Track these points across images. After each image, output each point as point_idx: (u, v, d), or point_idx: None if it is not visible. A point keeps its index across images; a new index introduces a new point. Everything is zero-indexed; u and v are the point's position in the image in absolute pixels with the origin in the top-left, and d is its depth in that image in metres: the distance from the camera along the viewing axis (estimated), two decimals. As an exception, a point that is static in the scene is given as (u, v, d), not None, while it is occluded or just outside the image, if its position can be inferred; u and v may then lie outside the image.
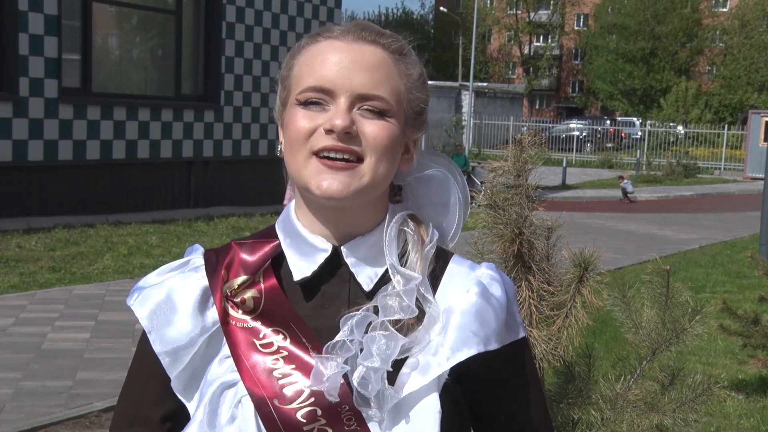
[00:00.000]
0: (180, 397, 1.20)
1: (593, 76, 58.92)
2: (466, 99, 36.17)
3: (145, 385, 1.23)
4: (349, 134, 1.12)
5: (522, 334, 1.22)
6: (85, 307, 7.72)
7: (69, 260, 9.75)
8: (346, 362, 1.11)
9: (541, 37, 65.97)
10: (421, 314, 1.16)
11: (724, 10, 57.84)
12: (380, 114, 1.15)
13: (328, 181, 1.12)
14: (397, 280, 1.16)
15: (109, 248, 10.62)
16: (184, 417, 1.21)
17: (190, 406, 1.19)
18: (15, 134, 12.17)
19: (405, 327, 1.14)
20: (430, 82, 1.28)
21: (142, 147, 13.94)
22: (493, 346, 1.16)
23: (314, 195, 1.13)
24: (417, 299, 1.16)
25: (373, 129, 1.14)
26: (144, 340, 1.22)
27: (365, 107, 1.14)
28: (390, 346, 1.11)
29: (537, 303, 2.73)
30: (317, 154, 1.13)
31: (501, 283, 1.21)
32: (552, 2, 64.37)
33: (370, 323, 1.13)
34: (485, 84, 44.56)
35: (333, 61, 1.14)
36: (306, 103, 1.15)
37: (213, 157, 15.24)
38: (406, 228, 1.20)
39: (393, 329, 1.13)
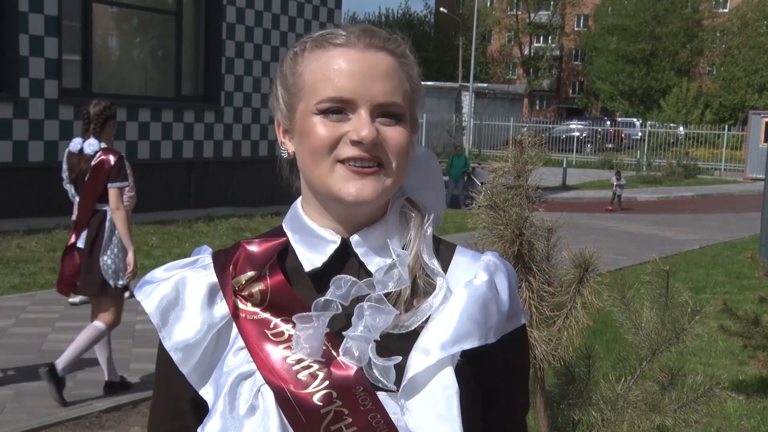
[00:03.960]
0: (196, 389, 1.22)
1: (593, 77, 58.86)
2: (467, 100, 36.15)
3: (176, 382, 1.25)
4: (376, 144, 1.16)
5: (524, 320, 1.27)
6: (86, 308, 7.72)
7: (69, 261, 9.73)
8: (330, 325, 1.15)
9: (542, 38, 65.93)
10: (431, 288, 1.20)
11: (725, 11, 57.81)
12: (397, 121, 1.19)
13: (357, 187, 1.16)
14: (395, 257, 1.20)
15: (110, 249, 10.60)
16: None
17: (207, 398, 1.21)
18: (15, 135, 12.17)
19: (406, 299, 1.19)
20: (430, 83, 1.30)
21: (142, 148, 13.94)
22: (491, 340, 1.19)
23: (344, 201, 1.17)
24: (427, 273, 1.21)
25: (393, 135, 1.18)
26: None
27: (384, 115, 1.18)
28: (376, 318, 1.15)
29: (537, 304, 2.73)
30: (343, 162, 1.16)
31: (505, 272, 1.25)
32: (552, 3, 64.36)
33: (366, 296, 1.17)
34: (485, 85, 44.53)
35: (350, 71, 1.17)
36: (324, 112, 1.17)
37: (213, 158, 15.24)
38: (406, 210, 1.25)
39: (386, 302, 1.16)
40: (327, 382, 1.14)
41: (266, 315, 1.19)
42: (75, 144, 5.53)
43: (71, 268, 5.33)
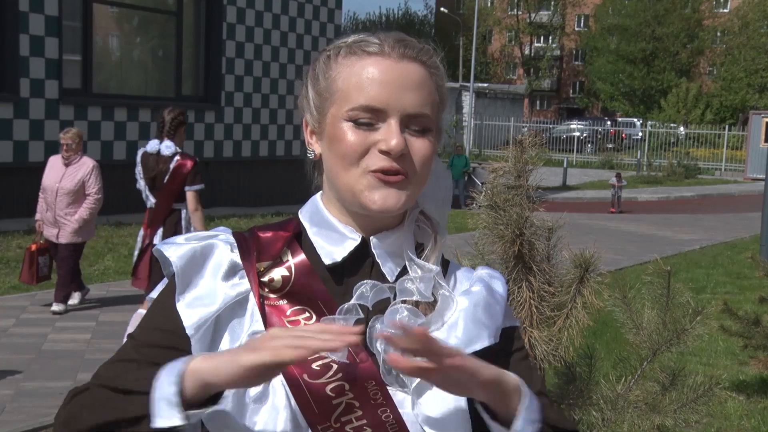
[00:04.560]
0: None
1: (594, 77, 58.84)
2: (467, 100, 36.16)
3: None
4: (403, 155, 1.19)
5: (516, 323, 1.34)
6: (86, 308, 7.73)
7: (70, 261, 9.72)
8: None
9: (542, 38, 65.95)
10: (435, 300, 1.25)
11: (725, 11, 57.78)
12: (424, 132, 1.21)
13: (382, 196, 1.19)
14: (414, 270, 1.25)
15: (110, 249, 10.62)
16: None
17: None
18: (16, 135, 12.17)
19: (421, 310, 1.24)
20: None
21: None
22: (498, 338, 1.25)
23: (369, 209, 1.20)
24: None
25: (420, 147, 1.21)
26: (169, 293, 1.22)
27: (413, 126, 1.20)
28: (408, 320, 1.21)
29: (538, 304, 2.73)
30: (371, 171, 1.19)
31: (500, 279, 1.33)
32: (553, 3, 64.35)
33: (388, 299, 1.22)
34: (486, 85, 44.53)
35: (383, 81, 1.19)
36: (355, 120, 1.19)
37: (213, 158, 15.23)
38: (422, 224, 1.30)
39: (410, 308, 1.22)
40: (340, 374, 1.16)
41: (282, 303, 1.21)
42: (152, 146, 5.98)
43: (146, 265, 5.77)
